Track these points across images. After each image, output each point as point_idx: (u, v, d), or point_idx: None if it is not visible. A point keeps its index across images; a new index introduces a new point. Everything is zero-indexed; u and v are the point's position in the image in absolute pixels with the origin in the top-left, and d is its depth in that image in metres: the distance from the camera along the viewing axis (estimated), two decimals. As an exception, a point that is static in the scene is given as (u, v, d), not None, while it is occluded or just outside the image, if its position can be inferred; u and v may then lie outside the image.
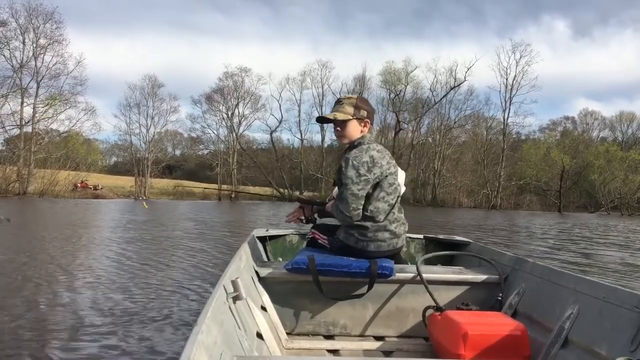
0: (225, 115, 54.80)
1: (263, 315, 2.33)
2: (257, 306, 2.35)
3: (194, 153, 66.35)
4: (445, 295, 2.68)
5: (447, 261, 3.53)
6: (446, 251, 3.42)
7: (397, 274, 2.65)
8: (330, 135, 55.42)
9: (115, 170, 66.60)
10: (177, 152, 63.48)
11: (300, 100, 57.10)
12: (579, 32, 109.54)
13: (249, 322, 2.07)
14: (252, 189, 51.35)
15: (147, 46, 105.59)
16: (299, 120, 57.68)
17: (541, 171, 58.53)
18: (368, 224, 2.68)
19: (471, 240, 3.62)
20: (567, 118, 72.25)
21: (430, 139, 59.33)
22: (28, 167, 41.07)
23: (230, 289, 1.90)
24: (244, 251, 2.72)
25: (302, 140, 58.07)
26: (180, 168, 64.74)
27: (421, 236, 3.86)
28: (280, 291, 2.68)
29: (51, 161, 43.73)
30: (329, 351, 2.52)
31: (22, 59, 41.86)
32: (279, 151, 57.61)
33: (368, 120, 2.81)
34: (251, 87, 54.78)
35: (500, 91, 60.54)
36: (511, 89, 56.61)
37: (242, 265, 2.48)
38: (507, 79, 57.01)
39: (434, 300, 2.50)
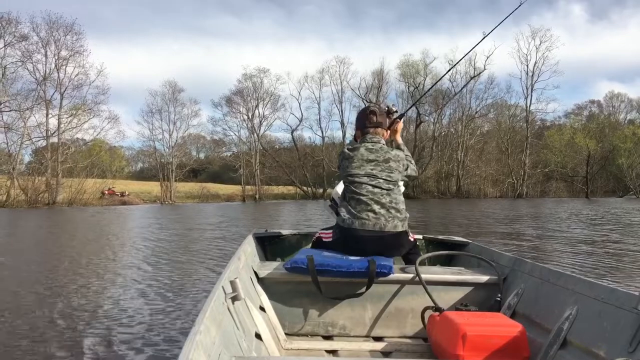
0: (245, 117, 55.30)
1: (262, 316, 2.35)
2: (256, 306, 2.37)
3: (217, 155, 67.03)
4: (444, 296, 2.68)
5: (447, 262, 3.54)
6: (445, 251, 3.41)
7: (396, 275, 2.67)
8: (351, 132, 54.75)
9: (141, 176, 67.67)
10: (201, 155, 64.08)
11: (319, 97, 57.38)
12: (595, 15, 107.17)
13: (247, 323, 2.08)
14: (275, 189, 51.76)
15: (165, 52, 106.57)
16: (319, 117, 57.94)
17: (567, 157, 57.73)
18: (353, 203, 2.90)
19: (470, 241, 3.63)
20: (592, 102, 71.03)
21: (452, 130, 58.95)
22: (56, 177, 41.88)
23: (229, 289, 1.91)
24: (243, 251, 2.72)
25: (323, 137, 58.24)
26: (205, 171, 65.32)
27: (420, 236, 3.83)
28: (279, 291, 2.69)
29: (78, 170, 44.54)
30: (328, 351, 2.52)
31: (45, 71, 43.05)
32: (300, 150, 57.78)
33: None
34: (270, 87, 55.21)
35: (521, 78, 59.87)
36: (532, 75, 55.96)
37: (241, 266, 2.49)
38: (527, 66, 56.48)
39: (433, 300, 2.51)
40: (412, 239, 3.01)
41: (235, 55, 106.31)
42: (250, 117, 54.95)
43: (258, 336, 2.15)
